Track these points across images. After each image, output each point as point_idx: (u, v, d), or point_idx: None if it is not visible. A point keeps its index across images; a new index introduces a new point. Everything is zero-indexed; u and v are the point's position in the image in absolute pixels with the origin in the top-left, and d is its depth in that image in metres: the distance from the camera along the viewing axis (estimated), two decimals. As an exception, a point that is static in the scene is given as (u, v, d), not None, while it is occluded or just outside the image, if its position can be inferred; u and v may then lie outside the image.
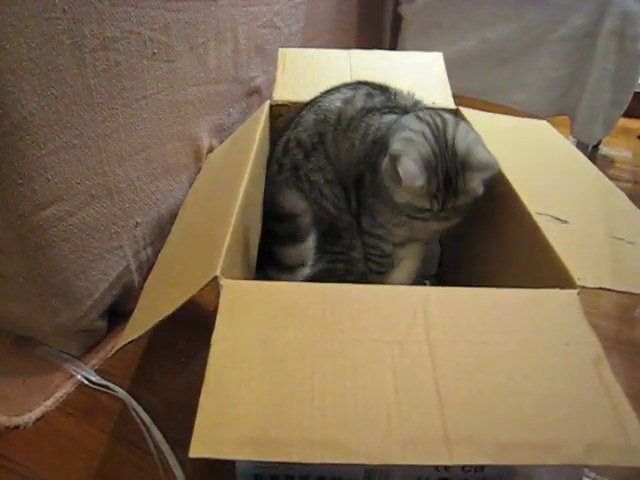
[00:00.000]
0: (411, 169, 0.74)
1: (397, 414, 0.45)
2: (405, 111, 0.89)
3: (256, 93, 1.24)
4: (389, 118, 0.88)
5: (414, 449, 0.43)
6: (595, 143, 1.59)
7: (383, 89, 0.94)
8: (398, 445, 0.43)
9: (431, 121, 0.81)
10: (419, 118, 0.82)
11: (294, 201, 0.84)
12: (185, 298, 0.56)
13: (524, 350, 0.50)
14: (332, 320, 0.52)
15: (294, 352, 0.49)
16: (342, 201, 0.91)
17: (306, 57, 1.13)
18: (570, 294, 0.57)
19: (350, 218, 0.92)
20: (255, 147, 0.83)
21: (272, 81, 1.12)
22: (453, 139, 0.78)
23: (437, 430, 0.44)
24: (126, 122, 0.87)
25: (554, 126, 1.03)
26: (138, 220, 0.96)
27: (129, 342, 0.63)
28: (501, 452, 0.43)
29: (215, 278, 0.55)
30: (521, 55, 1.54)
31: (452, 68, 1.13)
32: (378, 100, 0.92)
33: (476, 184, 0.76)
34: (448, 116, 0.83)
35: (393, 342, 0.50)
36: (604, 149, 1.79)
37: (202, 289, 0.56)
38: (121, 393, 0.89)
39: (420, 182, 0.74)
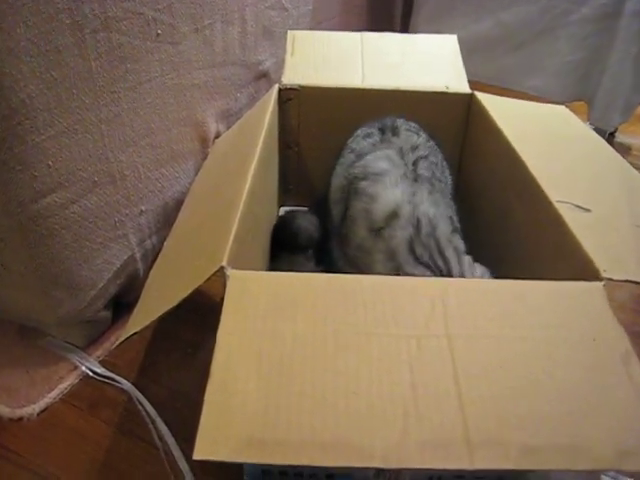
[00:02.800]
0: None
1: (414, 413, 0.42)
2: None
3: (264, 77, 1.20)
4: None
5: (433, 451, 0.40)
6: (612, 130, 1.54)
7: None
8: (416, 447, 0.40)
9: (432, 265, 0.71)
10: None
11: None
12: (190, 289, 0.53)
13: (548, 346, 0.47)
14: (345, 313, 0.49)
15: (304, 347, 0.46)
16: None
17: (316, 39, 1.10)
18: (596, 286, 0.54)
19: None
20: (264, 132, 0.80)
21: (280, 65, 1.09)
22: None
23: (457, 431, 0.41)
24: (129, 106, 0.84)
25: (570, 112, 0.99)
26: (143, 208, 0.93)
27: (132, 334, 0.60)
28: (525, 456, 0.40)
29: (221, 268, 0.52)
30: (538, 38, 1.49)
31: (465, 53, 1.09)
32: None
33: None
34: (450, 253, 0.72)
35: (410, 336, 0.47)
36: (620, 137, 1.74)
37: (208, 280, 0.53)
38: (126, 385, 0.87)
39: None
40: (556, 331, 0.49)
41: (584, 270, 0.56)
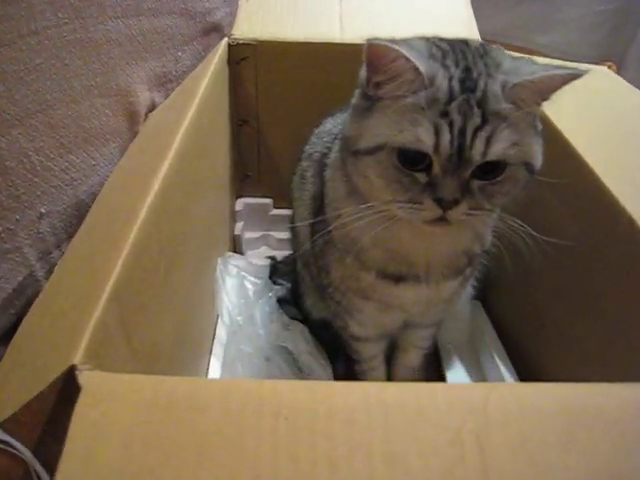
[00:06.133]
0: (401, 50, 0.44)
1: None
2: None
3: (215, 31, 0.95)
4: None
5: None
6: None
7: None
8: None
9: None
10: None
11: None
12: (28, 397, 0.30)
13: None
14: (296, 472, 0.25)
15: None
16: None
17: (280, -22, 0.84)
18: None
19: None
20: (195, 105, 0.56)
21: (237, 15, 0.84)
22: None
23: None
24: (5, 70, 0.59)
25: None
26: (43, 210, 0.69)
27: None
28: None
29: (71, 370, 0.28)
30: (558, -17, 1.23)
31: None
32: None
33: (526, 97, 0.45)
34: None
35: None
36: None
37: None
38: (25, 454, 0.64)
39: (420, 65, 0.45)
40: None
41: None
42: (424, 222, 0.47)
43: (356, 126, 0.50)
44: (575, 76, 0.45)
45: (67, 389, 0.31)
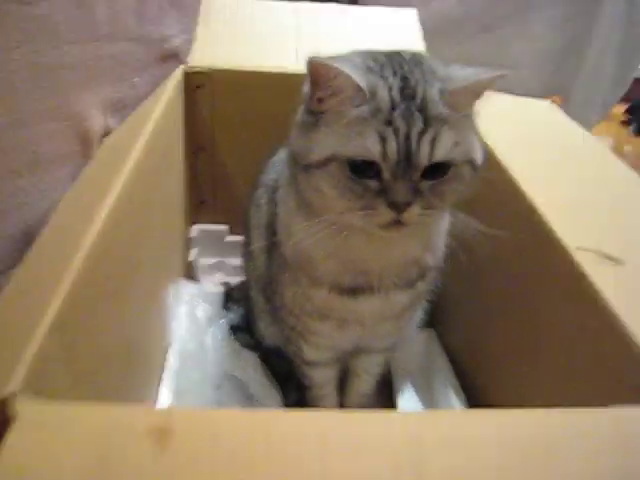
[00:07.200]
0: (341, 68, 0.46)
1: None
2: None
3: (173, 58, 0.95)
4: None
5: None
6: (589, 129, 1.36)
7: None
8: None
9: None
10: None
11: None
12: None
13: None
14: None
15: None
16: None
17: (238, 8, 0.86)
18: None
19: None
20: (147, 132, 0.56)
21: (195, 42, 0.84)
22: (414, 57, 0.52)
23: None
24: (-50, 92, 0.58)
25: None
26: (-15, 237, 0.67)
27: None
28: None
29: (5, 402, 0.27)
30: (508, 21, 1.27)
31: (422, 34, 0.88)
32: None
33: (462, 100, 0.48)
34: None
35: None
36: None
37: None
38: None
39: (361, 81, 0.46)
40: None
41: None
42: (380, 227, 0.48)
43: (303, 141, 0.50)
44: (501, 76, 0.48)
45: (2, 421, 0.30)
